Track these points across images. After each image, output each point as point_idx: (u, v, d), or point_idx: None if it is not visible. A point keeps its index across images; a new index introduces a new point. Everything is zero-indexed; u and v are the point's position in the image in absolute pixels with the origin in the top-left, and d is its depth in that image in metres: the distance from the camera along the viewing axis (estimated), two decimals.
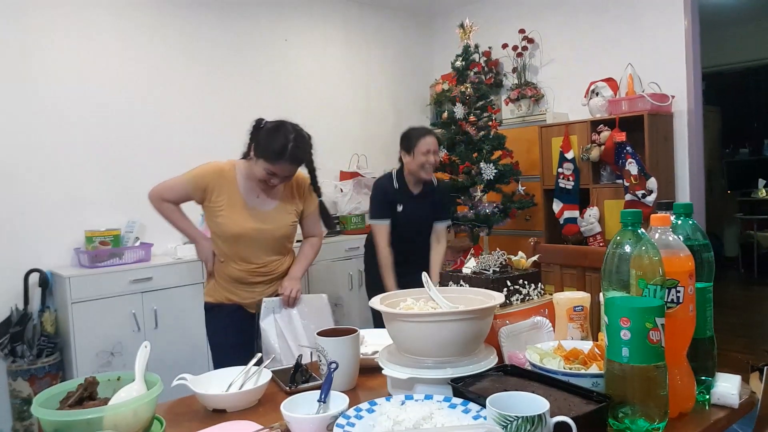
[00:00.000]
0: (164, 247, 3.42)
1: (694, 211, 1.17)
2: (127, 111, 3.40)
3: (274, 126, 2.03)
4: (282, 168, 1.98)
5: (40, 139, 3.10)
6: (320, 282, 3.76)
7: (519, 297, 1.45)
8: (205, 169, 2.07)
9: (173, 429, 1.15)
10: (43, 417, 0.97)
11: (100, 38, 3.31)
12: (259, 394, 1.28)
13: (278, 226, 2.11)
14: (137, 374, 1.10)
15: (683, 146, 3.63)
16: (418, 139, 2.74)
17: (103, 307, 2.89)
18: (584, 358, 1.15)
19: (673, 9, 3.61)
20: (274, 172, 1.97)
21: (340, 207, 4.10)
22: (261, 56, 4.01)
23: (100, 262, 3.03)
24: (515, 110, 4.36)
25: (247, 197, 2.06)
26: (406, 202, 2.82)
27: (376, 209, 2.85)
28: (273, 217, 2.10)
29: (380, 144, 4.69)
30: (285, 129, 2.02)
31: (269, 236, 2.09)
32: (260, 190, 2.10)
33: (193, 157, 3.47)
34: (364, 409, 1.04)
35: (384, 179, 2.89)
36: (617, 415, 0.97)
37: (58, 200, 3.15)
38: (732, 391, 1.10)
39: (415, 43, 5.00)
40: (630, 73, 3.69)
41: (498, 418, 0.87)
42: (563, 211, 3.72)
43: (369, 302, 1.26)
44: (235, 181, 2.06)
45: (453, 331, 1.12)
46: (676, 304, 1.02)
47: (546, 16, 4.25)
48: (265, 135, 2.00)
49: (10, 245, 3.00)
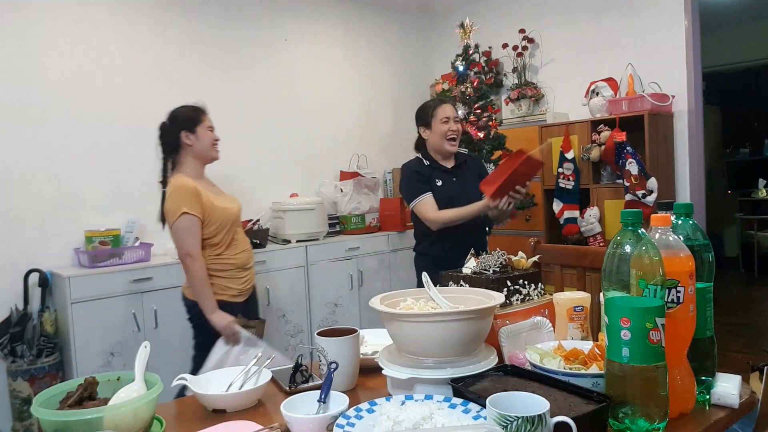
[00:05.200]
0: (164, 247, 3.41)
1: (695, 211, 1.17)
2: (127, 111, 3.40)
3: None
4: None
5: (40, 139, 3.10)
6: (320, 282, 3.76)
7: (519, 297, 1.45)
8: (181, 187, 2.18)
9: (173, 429, 1.15)
10: (43, 417, 0.97)
11: (100, 38, 3.31)
12: (259, 394, 1.27)
13: (238, 203, 2.40)
14: (137, 374, 1.10)
15: (683, 146, 3.63)
16: (435, 108, 2.56)
17: (103, 307, 2.89)
18: (584, 358, 1.15)
19: (674, 9, 3.61)
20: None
21: (340, 207, 4.10)
22: (261, 56, 4.01)
23: (99, 262, 3.03)
24: (515, 110, 4.36)
25: (211, 190, 2.31)
26: (443, 177, 2.58)
27: (413, 188, 2.55)
28: (230, 198, 2.40)
29: (380, 144, 4.69)
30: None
31: (239, 212, 2.39)
32: (204, 186, 2.32)
33: None
34: (364, 409, 1.04)
35: (411, 161, 2.67)
36: (617, 415, 0.97)
37: (57, 200, 3.15)
38: (732, 391, 1.10)
39: (415, 43, 5.01)
40: (630, 73, 3.69)
41: (498, 418, 0.87)
42: (563, 211, 3.72)
43: (369, 302, 1.25)
44: (195, 184, 2.22)
45: (453, 331, 1.12)
46: (677, 305, 1.02)
47: (546, 16, 4.25)
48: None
49: (9, 245, 3.00)
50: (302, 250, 3.68)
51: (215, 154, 2.36)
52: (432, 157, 2.62)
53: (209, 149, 2.32)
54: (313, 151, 4.28)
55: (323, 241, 3.82)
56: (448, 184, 2.56)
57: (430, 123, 2.57)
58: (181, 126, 2.28)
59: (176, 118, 2.31)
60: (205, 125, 2.31)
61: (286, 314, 3.58)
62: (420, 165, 2.60)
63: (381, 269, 4.09)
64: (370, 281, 4.00)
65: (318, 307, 3.76)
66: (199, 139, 2.29)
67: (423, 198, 2.51)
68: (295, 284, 3.64)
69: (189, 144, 2.28)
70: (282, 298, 3.59)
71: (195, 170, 2.31)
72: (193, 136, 2.28)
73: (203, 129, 2.30)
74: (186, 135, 2.28)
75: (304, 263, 3.69)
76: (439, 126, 2.55)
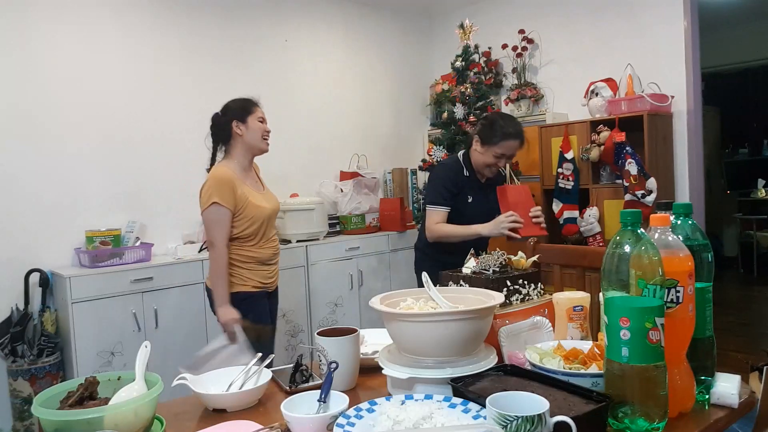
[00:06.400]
0: (164, 247, 3.43)
1: (694, 211, 1.17)
2: (128, 111, 3.40)
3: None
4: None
5: (41, 139, 3.10)
6: (320, 282, 3.76)
7: (519, 297, 1.45)
8: (218, 177, 2.22)
9: (173, 429, 1.15)
10: (44, 417, 0.97)
11: (100, 38, 3.31)
12: (259, 394, 1.28)
13: (277, 202, 2.45)
14: (138, 374, 1.10)
15: (683, 146, 3.63)
16: (502, 139, 2.38)
17: (103, 307, 2.89)
18: (584, 358, 1.15)
19: (673, 9, 3.61)
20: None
21: (340, 207, 4.10)
22: (261, 56, 4.02)
23: (100, 262, 3.03)
24: (515, 110, 4.35)
25: (252, 185, 2.34)
26: (475, 193, 2.51)
27: (439, 193, 2.47)
28: (270, 195, 2.43)
29: (380, 144, 4.69)
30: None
31: (275, 212, 2.42)
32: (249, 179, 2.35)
33: (193, 157, 3.51)
34: (364, 408, 1.04)
35: (453, 162, 2.55)
36: (617, 415, 0.97)
37: (58, 200, 3.15)
38: (732, 391, 1.10)
39: (415, 44, 5.01)
40: (629, 74, 3.69)
41: (498, 418, 0.87)
42: (563, 211, 3.72)
43: (369, 302, 1.26)
44: (236, 176, 2.27)
45: (453, 331, 1.12)
46: (676, 304, 1.02)
47: (546, 16, 4.25)
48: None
49: (10, 245, 3.00)
50: (302, 250, 3.68)
51: (264, 146, 2.36)
52: (472, 167, 2.53)
53: (259, 140, 2.33)
54: (313, 151, 4.28)
55: (323, 241, 3.82)
56: (477, 200, 2.51)
57: (489, 146, 2.41)
58: (232, 116, 2.31)
59: (228, 109, 2.35)
60: (256, 116, 2.33)
61: (286, 314, 3.58)
62: (460, 172, 2.51)
63: (381, 269, 4.09)
64: (370, 281, 4.01)
65: (318, 307, 3.77)
66: (249, 129, 2.31)
67: (439, 209, 2.47)
68: (295, 284, 3.64)
69: (239, 134, 2.31)
70: (282, 297, 3.57)
71: (243, 161, 2.34)
72: (243, 126, 2.31)
73: (254, 119, 2.32)
74: (237, 124, 2.31)
75: (304, 263, 3.69)
76: (490, 156, 2.42)
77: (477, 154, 2.46)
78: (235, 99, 2.40)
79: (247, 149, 2.34)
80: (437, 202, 2.48)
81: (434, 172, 2.61)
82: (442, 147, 3.77)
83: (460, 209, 2.49)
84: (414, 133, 4.94)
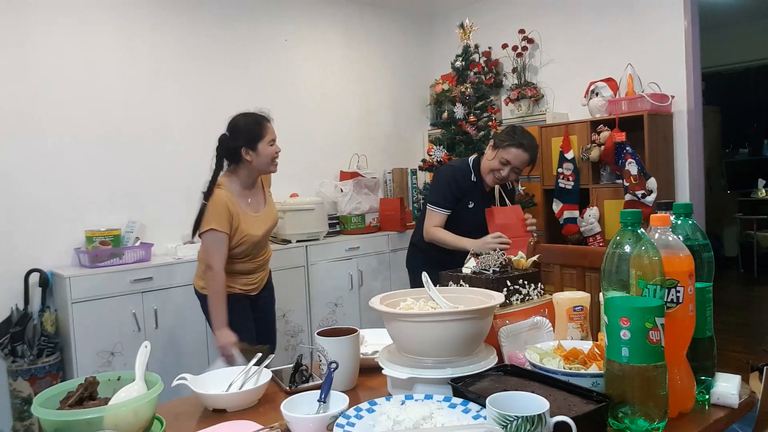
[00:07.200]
0: (164, 247, 3.42)
1: (694, 211, 1.17)
2: (128, 111, 3.40)
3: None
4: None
5: (40, 139, 3.10)
6: (320, 282, 3.76)
7: (519, 297, 1.45)
8: (216, 204, 2.15)
9: (173, 429, 1.15)
10: (44, 417, 0.97)
11: (99, 38, 3.31)
12: (259, 394, 1.28)
13: (274, 220, 2.37)
14: (137, 374, 1.10)
15: (683, 146, 3.63)
16: (512, 145, 2.37)
17: (103, 307, 2.89)
18: (584, 358, 1.15)
19: (673, 9, 3.61)
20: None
21: (340, 207, 4.10)
22: (261, 56, 4.02)
23: (100, 262, 3.03)
24: (515, 110, 4.35)
25: (246, 207, 2.25)
26: (478, 199, 2.52)
27: (443, 195, 2.49)
28: (269, 214, 2.34)
29: (380, 144, 4.69)
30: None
31: (268, 232, 2.34)
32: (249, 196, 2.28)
33: (193, 157, 3.51)
34: (364, 408, 1.04)
35: (461, 165, 2.55)
36: (617, 415, 0.97)
37: (58, 200, 3.15)
38: (732, 391, 1.10)
39: (415, 44, 5.01)
40: (630, 73, 3.68)
41: (498, 418, 0.87)
42: (563, 211, 3.72)
43: (369, 302, 1.25)
44: (234, 199, 2.20)
45: (453, 331, 1.12)
46: (676, 304, 1.02)
47: (546, 16, 4.25)
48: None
49: (10, 245, 3.00)
50: (302, 250, 3.68)
51: (273, 168, 2.27)
52: (480, 173, 2.52)
53: (268, 165, 2.23)
54: (313, 151, 4.28)
55: (323, 241, 3.82)
56: (478, 207, 2.50)
57: (497, 152, 2.42)
58: (242, 143, 2.17)
59: (238, 133, 2.19)
60: (266, 140, 2.19)
61: (286, 314, 3.58)
62: (467, 177, 2.51)
63: (381, 269, 4.09)
64: (370, 281, 4.01)
65: (318, 307, 3.76)
66: (259, 156, 2.19)
67: (439, 212, 2.51)
68: (295, 284, 3.64)
69: (249, 160, 2.19)
70: (282, 298, 3.57)
71: (246, 180, 2.25)
72: (253, 153, 2.18)
73: (264, 145, 2.19)
74: (246, 151, 2.18)
75: (305, 263, 3.69)
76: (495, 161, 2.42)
77: (485, 159, 2.49)
78: (246, 115, 2.23)
79: (254, 171, 2.25)
80: (439, 204, 2.51)
81: (442, 171, 2.62)
82: (442, 147, 3.77)
83: (459, 213, 2.52)
84: (414, 133, 4.93)
